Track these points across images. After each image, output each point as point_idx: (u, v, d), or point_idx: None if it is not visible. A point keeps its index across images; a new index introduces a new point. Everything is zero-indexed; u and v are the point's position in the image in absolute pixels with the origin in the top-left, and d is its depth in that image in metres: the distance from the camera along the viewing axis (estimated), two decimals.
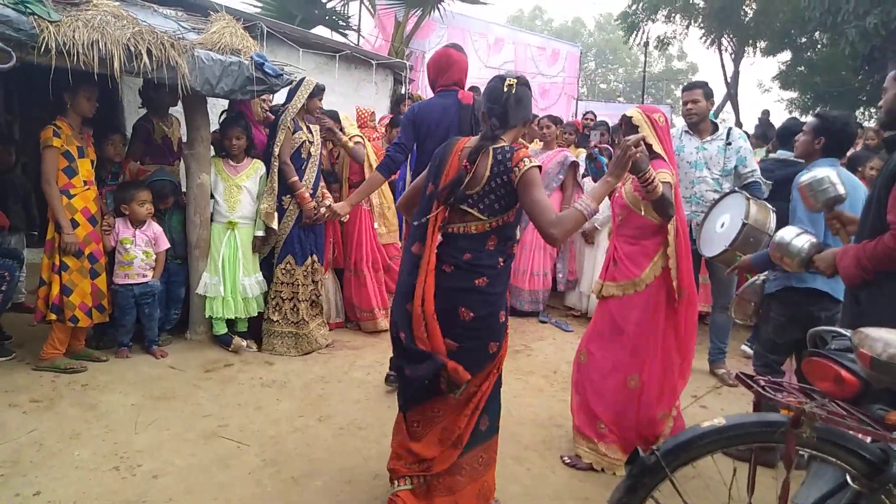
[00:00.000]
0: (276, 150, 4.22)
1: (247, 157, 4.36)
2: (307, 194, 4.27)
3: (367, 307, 4.90)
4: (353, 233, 4.92)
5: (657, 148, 2.91)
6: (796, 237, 2.55)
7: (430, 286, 2.21)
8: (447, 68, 3.46)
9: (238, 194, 4.28)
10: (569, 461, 3.02)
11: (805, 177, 2.56)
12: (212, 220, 4.35)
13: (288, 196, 4.31)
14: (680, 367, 3.01)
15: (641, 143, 2.09)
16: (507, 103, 2.26)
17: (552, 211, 2.10)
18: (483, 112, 2.34)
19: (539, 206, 2.11)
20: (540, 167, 2.22)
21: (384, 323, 4.87)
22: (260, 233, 4.35)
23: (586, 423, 2.99)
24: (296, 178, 4.25)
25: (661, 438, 2.92)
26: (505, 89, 2.26)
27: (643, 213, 2.91)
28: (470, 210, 2.22)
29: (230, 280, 4.25)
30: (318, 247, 4.51)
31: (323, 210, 4.24)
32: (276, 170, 4.23)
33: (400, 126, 3.63)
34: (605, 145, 5.42)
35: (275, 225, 4.28)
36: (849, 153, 4.77)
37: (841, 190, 2.47)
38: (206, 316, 4.31)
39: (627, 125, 3.00)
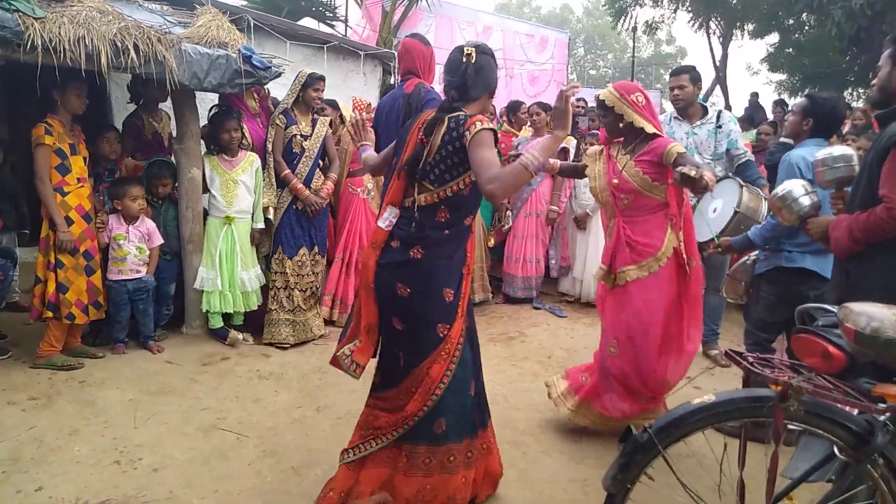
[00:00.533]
0: (269, 146, 4.28)
1: (241, 150, 4.35)
2: (300, 185, 4.31)
3: (325, 291, 4.86)
4: (345, 221, 4.93)
5: (649, 129, 2.81)
6: (804, 195, 2.53)
7: (371, 256, 2.24)
8: (402, 58, 3.49)
9: (235, 189, 4.28)
10: None
11: (822, 152, 2.55)
12: (209, 215, 4.35)
13: (280, 189, 4.36)
14: (689, 333, 2.97)
15: (571, 95, 1.99)
16: (466, 73, 2.18)
17: (495, 168, 2.00)
18: (444, 86, 2.27)
19: (482, 162, 2.01)
20: (495, 131, 2.11)
21: (329, 312, 4.82)
22: (259, 225, 4.39)
23: (630, 408, 2.93)
24: (287, 171, 4.30)
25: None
26: (463, 59, 2.18)
27: (653, 194, 2.86)
28: (422, 182, 2.18)
29: (228, 274, 4.26)
30: (319, 238, 4.53)
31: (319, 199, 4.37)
32: (271, 164, 4.31)
33: None
34: (595, 131, 5.44)
35: (270, 215, 4.34)
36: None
37: (856, 170, 2.45)
38: (204, 310, 4.31)
39: (602, 107, 2.92)
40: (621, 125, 2.88)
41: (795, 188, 2.56)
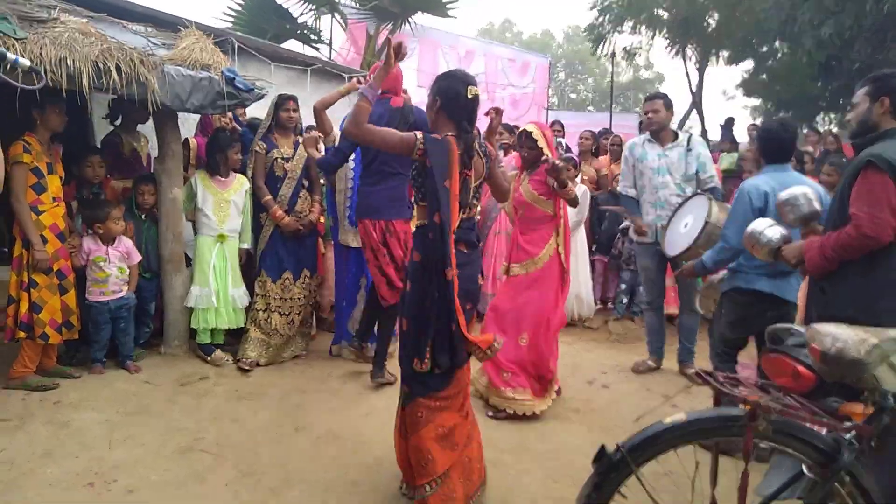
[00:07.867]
0: (249, 173, 4.35)
1: (231, 171, 4.41)
2: (280, 212, 4.31)
3: None
4: None
5: (547, 153, 3.65)
6: (768, 228, 2.62)
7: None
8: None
9: (227, 208, 4.34)
10: (491, 414, 3.59)
11: (782, 194, 2.65)
12: (199, 234, 4.37)
13: (264, 213, 4.38)
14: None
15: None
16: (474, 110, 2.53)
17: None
18: (440, 109, 2.51)
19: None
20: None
21: None
22: (245, 245, 4.45)
23: (494, 374, 3.62)
24: (268, 197, 4.32)
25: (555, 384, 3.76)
26: (470, 96, 2.49)
27: (540, 206, 3.63)
28: (473, 199, 2.61)
29: (221, 290, 4.29)
30: (309, 260, 4.55)
31: (307, 222, 4.41)
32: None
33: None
34: (570, 154, 5.61)
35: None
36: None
37: (816, 206, 2.55)
38: (201, 328, 4.28)
39: (527, 137, 3.66)
40: (535, 153, 3.65)
41: (758, 224, 2.66)
